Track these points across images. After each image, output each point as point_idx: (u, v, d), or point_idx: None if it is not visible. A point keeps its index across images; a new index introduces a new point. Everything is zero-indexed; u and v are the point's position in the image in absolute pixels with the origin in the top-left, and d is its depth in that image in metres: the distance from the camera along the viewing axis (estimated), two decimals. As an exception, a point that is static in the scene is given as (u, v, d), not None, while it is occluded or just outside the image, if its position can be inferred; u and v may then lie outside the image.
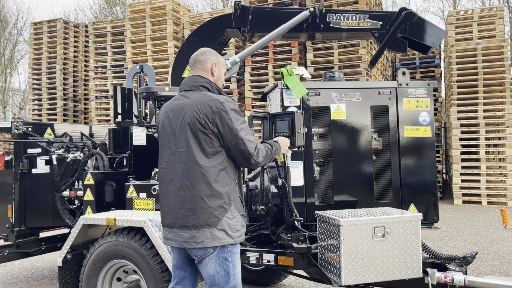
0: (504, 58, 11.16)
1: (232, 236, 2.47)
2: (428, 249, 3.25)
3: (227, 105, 2.47)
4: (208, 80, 2.63)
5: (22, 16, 38.59)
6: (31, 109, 14.33)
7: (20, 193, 4.63)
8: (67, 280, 3.76)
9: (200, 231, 2.42)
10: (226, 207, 2.46)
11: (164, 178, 2.58)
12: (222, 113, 2.44)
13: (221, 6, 25.57)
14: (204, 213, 2.42)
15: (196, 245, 2.43)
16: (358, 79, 10.05)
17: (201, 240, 2.42)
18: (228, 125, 2.44)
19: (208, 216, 2.42)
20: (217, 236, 2.42)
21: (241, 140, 2.47)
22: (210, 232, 2.42)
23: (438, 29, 4.12)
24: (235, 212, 2.51)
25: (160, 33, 11.88)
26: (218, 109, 2.44)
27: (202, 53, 2.69)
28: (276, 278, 4.81)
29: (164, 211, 2.58)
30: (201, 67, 2.66)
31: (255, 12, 4.37)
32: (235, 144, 2.47)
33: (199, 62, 2.66)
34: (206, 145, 2.46)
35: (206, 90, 2.59)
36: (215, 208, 2.43)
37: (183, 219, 2.45)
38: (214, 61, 2.68)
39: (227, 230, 2.45)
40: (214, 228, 2.42)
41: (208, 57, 2.67)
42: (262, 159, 2.58)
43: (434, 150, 3.48)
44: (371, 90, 3.43)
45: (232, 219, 2.48)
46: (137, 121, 4.65)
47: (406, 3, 26.55)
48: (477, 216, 9.46)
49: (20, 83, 33.21)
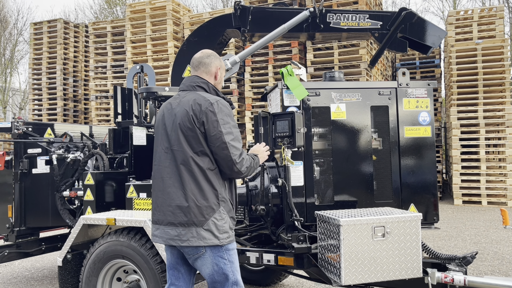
0: (504, 58, 11.16)
1: (219, 238, 2.44)
2: (428, 249, 3.25)
3: (216, 106, 2.46)
4: (206, 81, 2.63)
5: (22, 16, 38.64)
6: (31, 109, 14.33)
7: (20, 193, 4.63)
8: (67, 280, 3.76)
9: (186, 229, 2.42)
10: (214, 207, 2.45)
11: (156, 175, 2.60)
12: (210, 114, 2.44)
13: (221, 6, 25.58)
14: (191, 211, 2.42)
15: (181, 243, 2.44)
16: (358, 79, 10.05)
17: (187, 238, 2.42)
18: (214, 126, 2.43)
19: (195, 215, 2.41)
20: (203, 236, 2.41)
21: (225, 144, 2.44)
22: (196, 231, 2.41)
23: (438, 29, 4.12)
24: (224, 214, 2.49)
25: (160, 33, 11.88)
26: (207, 109, 2.44)
27: (208, 56, 2.68)
28: (276, 278, 4.81)
29: (154, 208, 2.59)
30: (205, 70, 2.66)
31: (255, 12, 4.37)
32: (218, 147, 2.45)
33: (204, 64, 2.66)
34: (195, 144, 2.46)
35: (202, 90, 2.59)
36: (203, 207, 2.42)
37: (171, 216, 2.46)
38: (218, 65, 2.69)
39: (214, 231, 2.43)
40: (201, 227, 2.41)
41: (213, 61, 2.67)
42: (246, 170, 2.54)
43: (434, 150, 3.48)
44: (371, 90, 3.43)
45: (220, 220, 2.46)
46: (137, 121, 4.65)
47: (406, 3, 26.58)
48: (477, 216, 9.46)
49: (20, 83, 33.24)
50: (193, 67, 2.70)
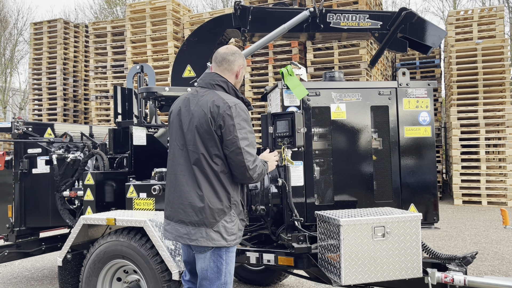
0: (504, 58, 11.16)
1: (227, 240, 2.47)
2: (428, 249, 3.25)
3: (234, 110, 2.44)
4: (225, 80, 2.59)
5: (22, 16, 38.56)
6: (31, 109, 14.34)
7: (20, 193, 4.63)
8: (67, 280, 3.76)
9: (196, 229, 2.44)
10: (226, 210, 2.47)
11: (169, 170, 2.62)
12: (227, 118, 2.42)
13: (221, 6, 25.58)
14: (203, 212, 2.43)
15: (190, 242, 2.47)
16: (358, 79, 10.05)
17: (196, 238, 2.44)
18: (230, 130, 2.42)
19: (206, 216, 2.43)
20: (212, 237, 2.43)
21: (239, 149, 2.43)
22: (205, 232, 2.44)
23: (438, 29, 4.12)
24: (234, 216, 2.51)
25: (160, 33, 11.88)
26: (225, 112, 2.42)
27: (233, 53, 2.63)
28: (276, 278, 4.81)
29: (166, 203, 2.63)
30: (228, 68, 2.62)
31: (255, 12, 4.37)
32: (232, 152, 2.43)
33: (227, 62, 2.61)
34: (211, 147, 2.46)
35: (221, 89, 2.56)
36: (215, 209, 2.44)
37: (182, 214, 2.48)
38: (241, 64, 2.66)
39: (223, 233, 2.45)
40: (210, 229, 2.43)
41: (237, 59, 2.63)
42: (257, 176, 2.53)
43: (434, 150, 3.47)
44: (371, 90, 3.42)
45: (230, 223, 2.48)
46: (137, 121, 4.65)
47: (406, 3, 26.58)
48: (477, 216, 9.46)
49: (20, 83, 33.22)
50: (215, 61, 2.64)
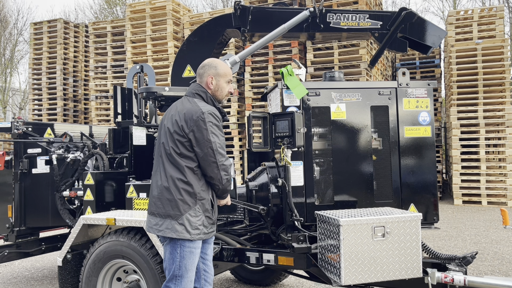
0: (504, 58, 11.15)
1: (190, 233, 2.64)
2: (428, 249, 3.25)
3: (207, 116, 2.65)
4: (205, 90, 2.83)
5: (22, 16, 38.59)
6: (31, 109, 14.33)
7: (20, 193, 4.63)
8: (67, 280, 3.76)
9: (163, 220, 2.66)
10: (191, 204, 2.65)
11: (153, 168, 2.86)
12: (200, 122, 2.63)
13: (221, 6, 25.57)
14: (169, 204, 2.64)
15: (157, 233, 2.68)
16: (358, 79, 10.05)
17: (162, 229, 2.65)
18: (203, 134, 2.63)
19: (171, 208, 2.64)
20: (176, 229, 2.62)
21: (212, 150, 2.64)
22: (170, 223, 2.63)
23: (438, 29, 4.12)
24: (199, 212, 2.68)
25: (160, 33, 11.88)
26: (198, 118, 2.64)
27: (202, 66, 2.88)
28: (276, 278, 4.81)
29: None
30: (201, 80, 2.87)
31: (255, 12, 4.37)
32: (205, 154, 2.64)
33: (199, 75, 2.88)
34: (182, 147, 2.66)
35: (200, 98, 2.80)
36: (180, 203, 2.63)
37: (153, 206, 2.72)
38: (211, 74, 2.84)
39: (187, 226, 2.63)
40: (175, 221, 2.63)
41: (206, 71, 2.85)
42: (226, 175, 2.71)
43: (434, 150, 3.48)
44: (371, 90, 3.43)
45: (194, 217, 2.65)
46: (137, 121, 4.64)
47: (406, 3, 26.57)
48: (477, 216, 9.46)
49: (20, 83, 33.24)
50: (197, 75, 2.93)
